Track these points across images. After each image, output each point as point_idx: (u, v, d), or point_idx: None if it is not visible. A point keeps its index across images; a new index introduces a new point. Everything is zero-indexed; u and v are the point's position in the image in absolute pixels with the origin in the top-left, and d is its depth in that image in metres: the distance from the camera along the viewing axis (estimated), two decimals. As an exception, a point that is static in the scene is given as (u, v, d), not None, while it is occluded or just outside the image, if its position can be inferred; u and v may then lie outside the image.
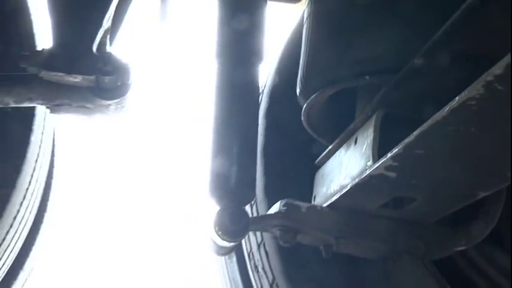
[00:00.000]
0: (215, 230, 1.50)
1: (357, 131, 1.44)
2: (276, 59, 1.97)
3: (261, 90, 1.93)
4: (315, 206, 1.54)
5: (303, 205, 1.52)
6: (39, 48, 1.74)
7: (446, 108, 1.06)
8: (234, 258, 2.11)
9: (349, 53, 1.38)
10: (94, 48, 1.55)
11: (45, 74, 1.56)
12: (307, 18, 1.50)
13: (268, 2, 1.61)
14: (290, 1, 1.93)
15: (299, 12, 1.89)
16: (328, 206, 1.52)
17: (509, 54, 0.90)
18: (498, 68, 0.93)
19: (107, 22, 1.55)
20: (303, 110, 1.54)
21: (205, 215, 1.56)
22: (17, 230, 2.01)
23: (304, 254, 1.70)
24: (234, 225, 1.48)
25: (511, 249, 1.84)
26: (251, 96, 1.56)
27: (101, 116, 1.68)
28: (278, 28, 1.97)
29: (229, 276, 2.18)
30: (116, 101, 1.60)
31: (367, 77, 1.37)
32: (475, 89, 0.99)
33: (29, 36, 1.91)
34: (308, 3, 1.49)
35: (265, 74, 1.98)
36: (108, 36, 1.59)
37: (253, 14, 1.56)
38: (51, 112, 1.72)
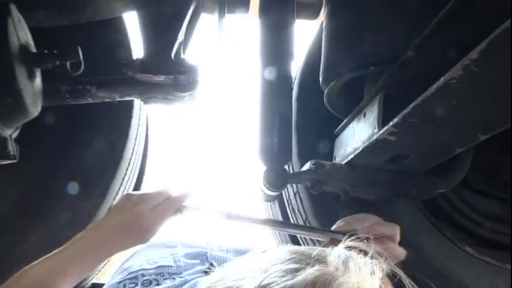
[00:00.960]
0: (264, 184, 1.51)
1: (365, 108, 1.40)
2: (303, 59, 1.95)
3: (292, 81, 1.91)
4: (335, 164, 1.52)
5: (327, 163, 1.50)
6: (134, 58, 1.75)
7: (434, 86, 1.02)
8: (277, 204, 2.10)
9: (357, 50, 1.35)
10: (172, 56, 1.54)
11: (139, 76, 1.55)
12: (325, 27, 1.47)
13: (296, 20, 1.60)
14: (311, 18, 1.90)
15: (318, 24, 1.86)
16: (345, 163, 1.49)
17: (485, 41, 0.85)
18: (474, 54, 0.88)
19: (180, 37, 1.55)
20: (325, 94, 1.51)
21: (257, 174, 1.57)
22: (125, 187, 2.01)
23: (328, 199, 1.68)
24: (277, 179, 1.48)
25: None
26: (286, 85, 1.55)
27: (179, 104, 1.68)
28: (304, 37, 1.93)
29: (273, 216, 2.17)
30: (189, 93, 1.59)
31: (372, 67, 1.33)
32: (455, 71, 0.95)
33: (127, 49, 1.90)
34: (325, 16, 1.46)
35: (296, 69, 1.96)
36: (182, 47, 1.59)
37: (285, 27, 1.54)
38: (144, 103, 1.73)
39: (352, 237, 0.72)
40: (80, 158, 1.83)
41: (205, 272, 1.07)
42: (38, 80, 1.45)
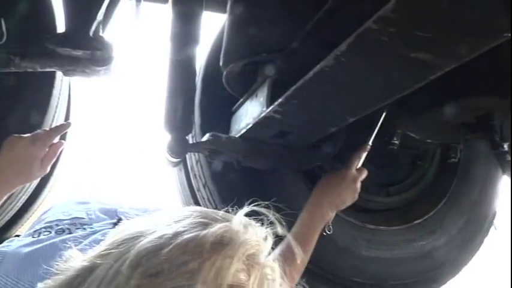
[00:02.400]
0: (167, 151, 1.49)
1: (258, 89, 1.41)
2: (209, 46, 1.93)
3: (199, 66, 1.89)
4: (230, 136, 1.52)
5: (223, 136, 1.50)
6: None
7: (311, 73, 1.04)
8: (182, 170, 2.08)
9: (253, 39, 1.35)
10: (91, 33, 1.48)
11: (60, 50, 1.49)
12: (227, 18, 1.46)
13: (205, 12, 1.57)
14: (218, 11, 1.90)
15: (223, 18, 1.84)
16: (238, 136, 1.50)
17: (352, 35, 0.88)
18: (343, 46, 0.91)
19: (99, 16, 1.49)
20: (223, 75, 1.50)
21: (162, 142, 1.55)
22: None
23: (224, 167, 1.68)
24: (178, 147, 1.46)
25: None
26: (191, 68, 1.52)
27: (96, 78, 1.62)
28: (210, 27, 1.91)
29: (179, 181, 2.16)
30: (104, 67, 1.54)
31: (265, 54, 1.33)
32: (328, 60, 0.97)
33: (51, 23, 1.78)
34: (228, 8, 1.45)
35: (203, 54, 1.93)
36: (100, 26, 1.53)
37: (193, 16, 1.51)
38: (64, 75, 1.66)
39: (253, 204, 0.74)
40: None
41: (114, 224, 1.06)
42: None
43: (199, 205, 1.92)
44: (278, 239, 0.73)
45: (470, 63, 0.85)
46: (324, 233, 1.42)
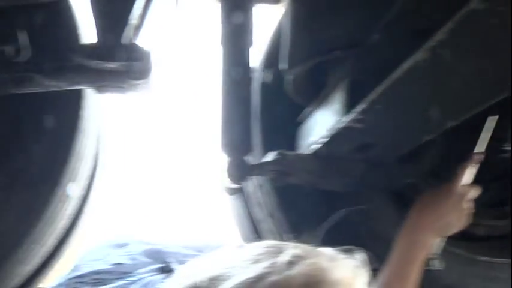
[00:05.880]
0: (226, 175, 1.51)
1: (330, 94, 1.41)
2: (265, 47, 1.94)
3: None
4: (299, 154, 1.53)
5: (291, 153, 1.50)
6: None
7: (399, 70, 1.03)
8: (239, 198, 2.10)
9: (321, 34, 1.35)
10: (124, 41, 1.52)
11: (89, 63, 1.53)
12: (287, 13, 1.47)
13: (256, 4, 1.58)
14: (273, 2, 1.91)
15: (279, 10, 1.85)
16: (310, 153, 1.50)
17: (449, 23, 0.86)
18: (441, 34, 0.89)
19: (133, 20, 1.53)
20: (287, 81, 1.51)
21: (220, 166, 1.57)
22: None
23: (294, 191, 1.68)
24: (237, 171, 1.48)
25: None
26: (246, 75, 1.54)
27: (133, 93, 1.65)
28: (264, 23, 1.92)
29: (236, 211, 2.17)
30: (142, 81, 1.57)
31: (337, 52, 1.33)
32: (422, 53, 0.96)
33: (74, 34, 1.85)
34: (288, 1, 1.46)
35: (257, 57, 1.95)
36: (134, 32, 1.57)
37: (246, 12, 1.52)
38: (95, 92, 1.71)
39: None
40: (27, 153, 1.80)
41: (162, 270, 1.08)
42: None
43: (261, 239, 1.92)
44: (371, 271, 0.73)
45: None
46: (432, 267, 1.38)
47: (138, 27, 1.60)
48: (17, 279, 1.93)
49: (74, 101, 1.87)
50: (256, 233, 2.01)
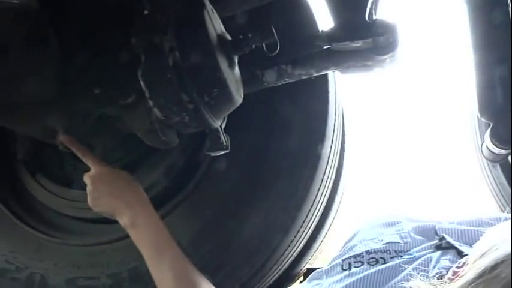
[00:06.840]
0: (492, 141, 1.48)
1: None
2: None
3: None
4: None
5: None
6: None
7: None
8: (498, 166, 2.04)
9: None
10: (366, 18, 1.57)
11: (334, 46, 1.62)
12: None
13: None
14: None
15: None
16: None
17: None
18: None
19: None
20: None
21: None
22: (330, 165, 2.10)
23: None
24: (508, 134, 1.44)
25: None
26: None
27: (379, 69, 1.71)
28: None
29: (495, 181, 2.12)
30: (390, 55, 1.62)
31: None
32: None
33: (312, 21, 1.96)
34: None
35: None
36: (373, 7, 1.62)
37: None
38: (341, 74, 1.82)
39: None
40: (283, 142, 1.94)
41: (437, 247, 1.11)
42: (237, 68, 1.58)
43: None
44: None
45: None
46: None
47: (375, 2, 1.65)
48: (288, 259, 2.11)
49: (322, 86, 1.98)
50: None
